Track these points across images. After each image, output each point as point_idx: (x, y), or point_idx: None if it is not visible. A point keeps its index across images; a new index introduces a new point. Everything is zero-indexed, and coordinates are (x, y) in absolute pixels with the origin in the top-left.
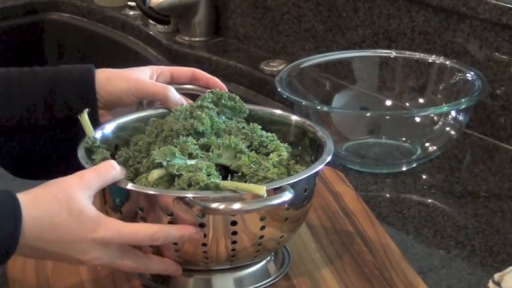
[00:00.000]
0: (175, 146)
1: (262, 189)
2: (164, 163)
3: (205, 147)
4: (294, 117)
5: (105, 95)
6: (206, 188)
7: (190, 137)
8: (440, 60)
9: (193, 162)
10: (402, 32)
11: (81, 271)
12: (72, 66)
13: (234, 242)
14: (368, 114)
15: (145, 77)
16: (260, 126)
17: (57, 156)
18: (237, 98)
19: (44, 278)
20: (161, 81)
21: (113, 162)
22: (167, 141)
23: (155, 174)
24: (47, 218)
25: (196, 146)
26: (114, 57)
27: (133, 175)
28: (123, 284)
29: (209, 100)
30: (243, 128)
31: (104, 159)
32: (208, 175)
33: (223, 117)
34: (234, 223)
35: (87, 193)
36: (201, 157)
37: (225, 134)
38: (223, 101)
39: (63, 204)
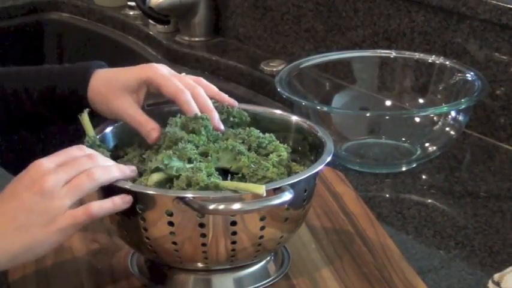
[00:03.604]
0: (174, 153)
1: (261, 189)
2: (161, 166)
3: (204, 155)
4: (294, 118)
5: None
6: (206, 188)
7: (189, 143)
8: (440, 60)
9: (192, 165)
10: (402, 32)
11: (81, 271)
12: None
13: (233, 242)
14: (368, 115)
15: (130, 98)
16: (258, 131)
17: None
18: (243, 112)
19: (43, 277)
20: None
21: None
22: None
23: (154, 177)
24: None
25: (195, 151)
26: (114, 57)
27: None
28: (122, 284)
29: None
30: (239, 133)
31: None
32: (209, 175)
33: (231, 129)
34: (233, 223)
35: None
36: (200, 161)
37: (222, 140)
38: (231, 119)
39: None
